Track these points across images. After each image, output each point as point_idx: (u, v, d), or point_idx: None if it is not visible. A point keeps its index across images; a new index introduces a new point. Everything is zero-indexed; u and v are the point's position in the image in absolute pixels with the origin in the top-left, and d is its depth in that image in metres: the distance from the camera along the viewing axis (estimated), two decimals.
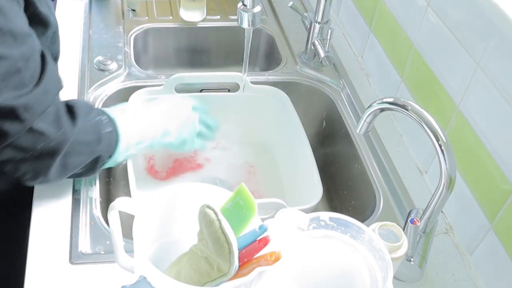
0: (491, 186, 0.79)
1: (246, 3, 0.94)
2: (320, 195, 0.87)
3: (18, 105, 0.61)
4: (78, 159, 0.74)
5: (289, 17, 1.36)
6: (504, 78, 0.76)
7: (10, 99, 0.61)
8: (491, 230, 0.79)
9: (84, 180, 0.88)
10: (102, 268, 0.75)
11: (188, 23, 1.33)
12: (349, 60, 1.24)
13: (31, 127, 0.65)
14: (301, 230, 0.63)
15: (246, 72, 1.05)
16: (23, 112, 0.62)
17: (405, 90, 1.03)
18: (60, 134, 0.68)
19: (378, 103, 0.76)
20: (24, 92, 0.63)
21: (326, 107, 1.16)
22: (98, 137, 0.76)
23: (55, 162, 0.71)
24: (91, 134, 0.75)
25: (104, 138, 0.78)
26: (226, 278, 0.59)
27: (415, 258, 0.77)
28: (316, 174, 0.93)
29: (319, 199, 0.87)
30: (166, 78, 1.10)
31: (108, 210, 0.65)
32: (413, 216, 0.80)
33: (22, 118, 0.63)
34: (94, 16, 1.28)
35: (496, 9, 0.74)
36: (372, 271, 0.61)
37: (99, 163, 0.79)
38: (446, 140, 0.70)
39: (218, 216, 0.58)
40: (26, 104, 0.62)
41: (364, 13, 1.21)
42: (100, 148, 0.77)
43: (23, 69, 0.62)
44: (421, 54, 0.97)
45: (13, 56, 0.61)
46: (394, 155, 1.00)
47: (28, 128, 0.65)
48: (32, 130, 0.65)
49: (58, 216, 0.82)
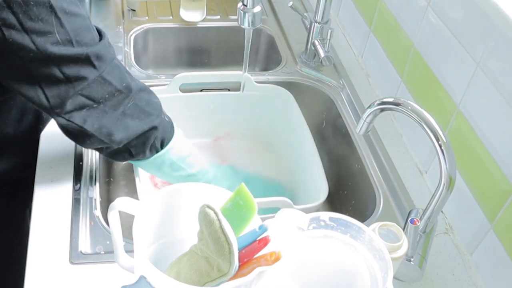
0: (491, 186, 0.79)
1: (246, 3, 0.94)
2: (326, 193, 0.87)
3: (91, 53, 0.70)
4: (138, 123, 0.77)
5: (289, 17, 1.36)
6: (504, 78, 0.76)
7: (85, 49, 0.69)
8: (491, 230, 0.79)
9: (84, 180, 0.88)
10: (102, 268, 0.75)
11: (188, 23, 1.33)
12: (349, 60, 1.24)
13: (102, 76, 0.72)
14: (301, 230, 0.63)
15: (246, 72, 1.05)
16: (95, 60, 0.70)
17: (405, 90, 1.03)
18: (123, 88, 0.75)
19: (378, 103, 0.76)
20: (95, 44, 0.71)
21: (326, 107, 1.16)
22: (157, 113, 0.80)
23: (117, 117, 0.75)
24: (152, 107, 0.80)
25: (162, 120, 0.81)
26: (226, 278, 0.59)
27: (415, 258, 0.77)
28: (321, 172, 0.93)
29: (325, 197, 0.87)
30: (166, 78, 1.10)
31: (108, 210, 0.65)
32: (413, 216, 0.80)
33: (95, 65, 0.71)
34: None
35: (496, 9, 0.74)
36: (372, 271, 0.61)
37: (151, 139, 0.80)
38: (446, 140, 0.70)
39: (218, 216, 0.58)
40: (97, 53, 0.71)
41: (364, 13, 1.21)
42: (158, 122, 0.80)
43: (91, 27, 0.72)
44: (421, 54, 0.97)
45: (82, 14, 0.70)
46: (394, 155, 1.00)
47: (100, 77, 0.72)
48: (103, 79, 0.72)
49: (58, 216, 0.82)
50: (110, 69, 0.73)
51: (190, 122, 1.12)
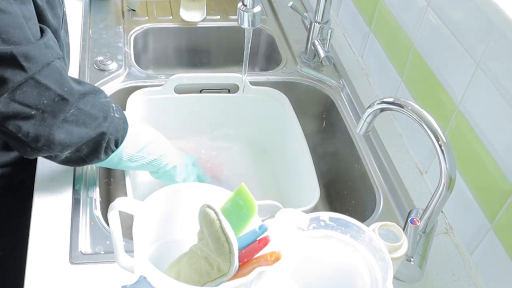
0: (491, 186, 0.79)
1: (246, 3, 0.94)
2: (317, 198, 0.87)
3: (17, 52, 0.64)
4: (83, 130, 0.73)
5: (289, 17, 1.36)
6: (504, 78, 0.76)
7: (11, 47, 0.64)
8: (491, 230, 0.79)
9: (84, 180, 0.88)
10: (102, 268, 0.75)
11: (188, 23, 1.33)
12: (349, 60, 1.24)
13: (35, 79, 0.67)
14: (301, 230, 0.63)
15: (246, 72, 1.05)
16: (23, 61, 0.64)
17: (405, 90, 1.03)
18: (64, 93, 0.69)
19: (378, 103, 0.76)
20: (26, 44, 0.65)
21: (326, 107, 1.16)
22: (105, 115, 0.75)
23: (58, 125, 0.70)
24: (98, 110, 0.75)
25: (112, 119, 0.77)
26: (226, 278, 0.59)
27: (415, 258, 0.77)
28: (313, 176, 0.92)
29: (316, 201, 0.87)
30: (166, 78, 1.10)
31: (108, 210, 0.65)
32: (413, 216, 0.80)
33: (23, 66, 0.65)
34: (94, 16, 1.28)
35: (496, 9, 0.74)
36: (372, 271, 0.61)
37: (103, 143, 0.76)
38: (446, 140, 0.70)
39: (218, 216, 0.58)
40: (27, 53, 0.65)
41: (364, 13, 1.21)
42: (106, 126, 0.75)
43: (24, 26, 0.65)
44: (421, 54, 0.97)
45: (13, 11, 0.64)
46: (394, 155, 1.00)
47: (32, 80, 0.66)
48: (37, 83, 0.67)
49: (58, 216, 0.82)
50: (46, 72, 0.68)
51: (183, 122, 1.12)
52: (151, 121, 1.08)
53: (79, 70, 1.11)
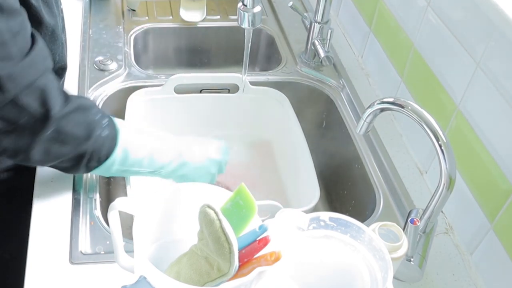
0: (491, 186, 0.79)
1: (246, 3, 0.94)
2: (317, 198, 0.87)
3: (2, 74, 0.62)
4: (62, 149, 0.72)
5: (289, 17, 1.36)
6: (504, 78, 0.76)
7: None
8: (491, 230, 0.79)
9: (84, 180, 0.88)
10: (102, 268, 0.75)
11: (188, 23, 1.33)
12: (349, 60, 1.24)
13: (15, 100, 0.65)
14: (301, 230, 0.63)
15: (246, 72, 1.05)
16: (6, 82, 0.63)
17: (405, 90, 1.03)
18: (44, 113, 0.67)
19: (378, 103, 0.76)
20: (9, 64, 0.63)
21: (326, 107, 1.16)
22: (88, 134, 0.73)
23: (37, 143, 0.69)
24: (82, 129, 0.73)
25: (96, 138, 0.74)
26: (226, 278, 0.59)
27: (415, 258, 0.77)
28: (313, 176, 0.92)
29: (316, 201, 0.87)
30: (166, 78, 1.10)
31: (108, 210, 0.65)
32: (413, 216, 0.80)
33: (5, 88, 0.63)
34: (93, 16, 1.28)
35: (496, 9, 0.74)
36: (372, 271, 0.61)
37: (84, 161, 0.75)
38: (446, 140, 0.70)
39: (218, 216, 0.58)
40: (10, 74, 0.63)
41: (364, 13, 1.21)
42: (87, 146, 0.74)
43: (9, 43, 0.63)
44: (421, 54, 0.97)
45: None
46: (394, 155, 1.00)
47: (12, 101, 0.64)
48: (16, 103, 0.65)
49: (58, 216, 0.82)
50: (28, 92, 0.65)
51: (183, 122, 1.12)
52: (151, 121, 1.09)
53: (79, 70, 1.11)
